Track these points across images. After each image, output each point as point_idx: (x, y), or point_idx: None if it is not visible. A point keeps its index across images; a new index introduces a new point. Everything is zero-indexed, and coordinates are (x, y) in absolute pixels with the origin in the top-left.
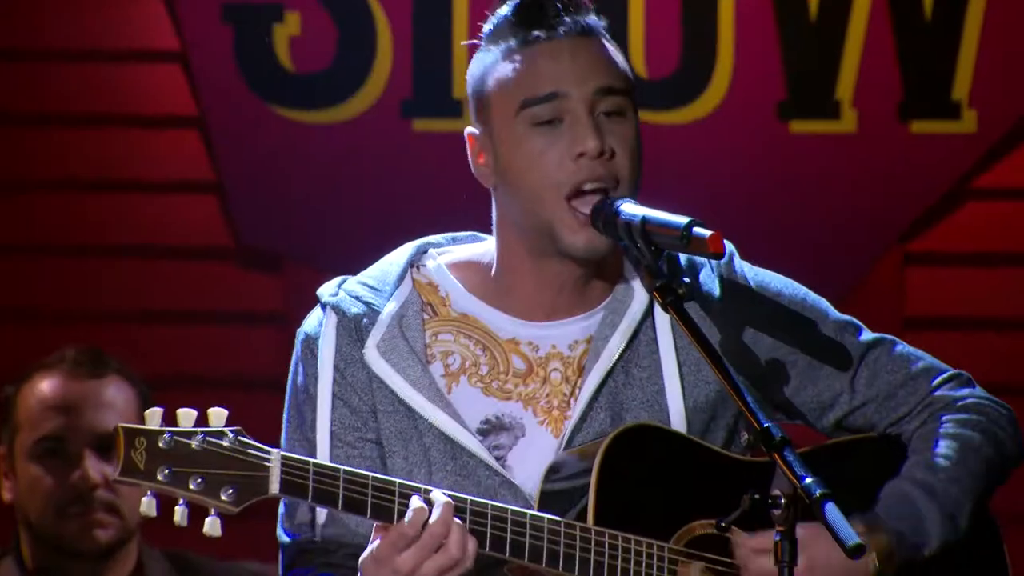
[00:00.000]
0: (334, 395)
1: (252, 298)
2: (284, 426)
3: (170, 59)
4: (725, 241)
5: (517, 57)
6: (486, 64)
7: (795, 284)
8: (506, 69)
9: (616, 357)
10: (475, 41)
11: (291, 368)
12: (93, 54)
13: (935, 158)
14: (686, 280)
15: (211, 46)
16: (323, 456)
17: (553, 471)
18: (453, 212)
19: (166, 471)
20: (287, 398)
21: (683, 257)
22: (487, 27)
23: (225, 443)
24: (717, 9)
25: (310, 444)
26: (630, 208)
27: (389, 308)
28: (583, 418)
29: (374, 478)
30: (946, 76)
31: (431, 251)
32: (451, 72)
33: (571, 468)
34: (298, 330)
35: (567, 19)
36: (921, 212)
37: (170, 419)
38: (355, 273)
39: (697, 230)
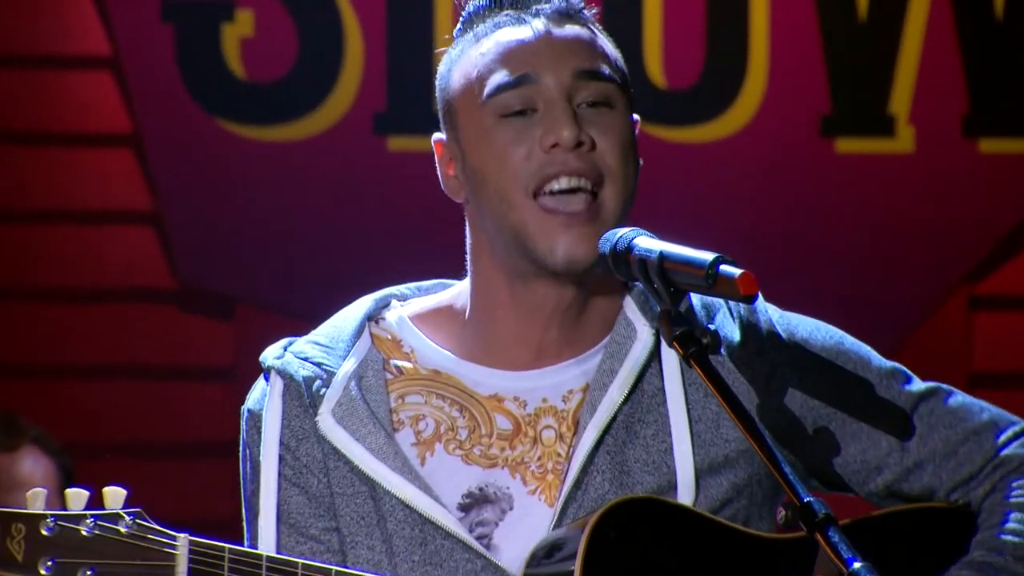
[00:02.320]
0: (285, 478)
1: (198, 349)
2: (245, 526)
3: (99, 65)
4: None
5: (485, 42)
6: (452, 58)
7: (829, 327)
8: (472, 56)
9: (616, 410)
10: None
11: (240, 453)
12: (6, 60)
13: (1007, 183)
14: (711, 328)
15: (149, 50)
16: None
17: (538, 555)
18: (436, 245)
19: (49, 563)
20: (242, 490)
21: (696, 299)
22: (459, 23)
23: (122, 528)
24: (748, 6)
25: None
26: (645, 242)
27: (345, 368)
28: (578, 483)
29: (304, 565)
30: (1020, 86)
31: (393, 303)
32: (432, 81)
33: (565, 550)
34: (242, 407)
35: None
36: (991, 247)
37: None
38: (320, 320)
39: (725, 268)
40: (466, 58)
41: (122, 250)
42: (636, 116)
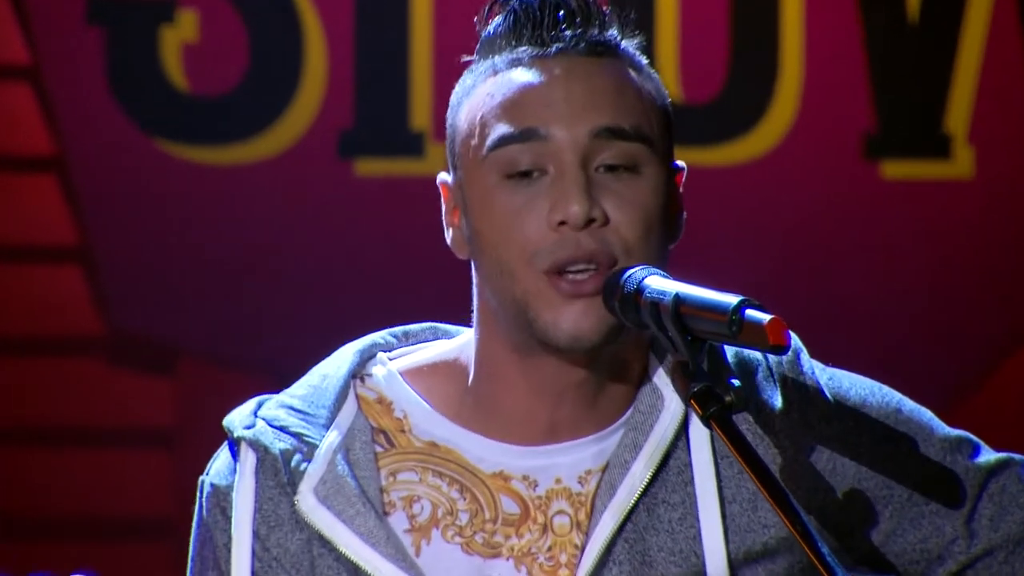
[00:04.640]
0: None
1: (132, 408)
2: None
3: (16, 76)
4: (790, 333)
5: (497, 80)
6: (464, 88)
7: (884, 389)
8: (480, 95)
9: (639, 491)
10: (471, 58)
11: (192, 534)
12: None
13: None
14: (736, 383)
15: (74, 57)
16: None
17: None
18: (410, 285)
19: None
20: (190, 571)
21: (731, 354)
22: (478, 44)
23: None
24: (779, 5)
25: None
26: (658, 282)
27: (329, 440)
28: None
29: None
30: None
31: (379, 355)
32: (407, 94)
33: None
34: (201, 479)
35: (569, 32)
36: None
37: None
38: (277, 375)
39: (751, 313)
40: (476, 94)
41: (43, 292)
42: (681, 164)
